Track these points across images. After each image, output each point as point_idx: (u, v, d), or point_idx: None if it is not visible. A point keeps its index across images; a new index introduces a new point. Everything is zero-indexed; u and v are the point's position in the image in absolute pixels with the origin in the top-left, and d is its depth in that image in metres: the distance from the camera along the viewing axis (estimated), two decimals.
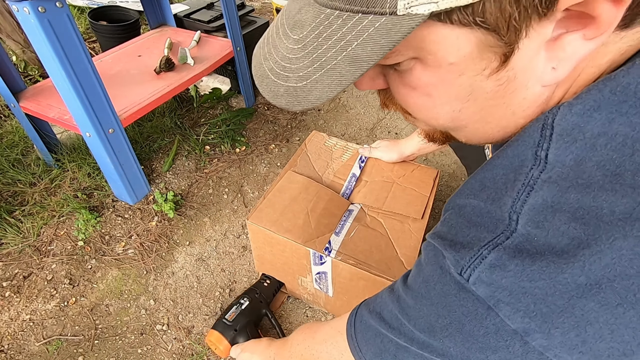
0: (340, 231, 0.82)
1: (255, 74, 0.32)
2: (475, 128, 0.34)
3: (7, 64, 1.12)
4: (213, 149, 1.45)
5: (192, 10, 1.64)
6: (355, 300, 0.84)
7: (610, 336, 0.25)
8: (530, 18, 0.24)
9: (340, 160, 1.00)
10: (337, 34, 0.26)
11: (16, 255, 1.10)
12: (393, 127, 1.57)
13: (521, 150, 0.29)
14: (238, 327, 0.86)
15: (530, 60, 0.27)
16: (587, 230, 0.25)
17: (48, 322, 0.97)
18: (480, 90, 0.29)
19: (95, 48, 1.94)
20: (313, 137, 1.07)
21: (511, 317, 0.27)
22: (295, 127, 1.57)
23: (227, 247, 1.14)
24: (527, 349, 0.27)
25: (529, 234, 0.27)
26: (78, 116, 1.01)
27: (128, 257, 1.11)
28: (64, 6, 0.85)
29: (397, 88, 0.33)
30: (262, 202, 0.87)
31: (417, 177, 0.94)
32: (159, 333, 0.95)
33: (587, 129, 0.25)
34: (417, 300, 0.36)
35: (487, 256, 0.28)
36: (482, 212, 0.30)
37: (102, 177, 1.26)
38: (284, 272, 0.92)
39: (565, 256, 0.25)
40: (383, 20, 0.24)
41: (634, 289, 0.23)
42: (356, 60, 0.26)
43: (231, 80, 1.68)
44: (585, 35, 0.25)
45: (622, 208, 0.24)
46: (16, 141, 1.40)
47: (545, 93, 0.29)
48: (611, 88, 0.25)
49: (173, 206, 1.20)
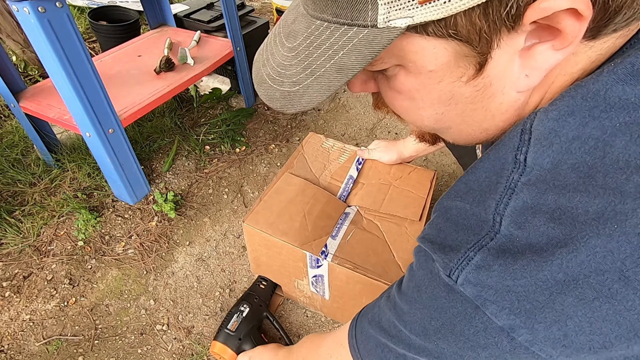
0: (336, 234, 0.82)
1: (254, 79, 0.35)
2: (459, 129, 0.36)
3: (7, 64, 1.12)
4: (213, 149, 1.45)
5: (192, 10, 1.64)
6: (352, 303, 0.84)
7: (589, 329, 0.26)
8: (499, 31, 0.26)
9: (338, 162, 0.99)
10: (326, 43, 0.28)
11: (16, 255, 1.10)
12: (393, 127, 1.57)
13: (502, 154, 0.30)
14: (242, 335, 0.85)
15: (504, 68, 0.29)
16: (564, 230, 0.26)
17: (48, 322, 0.97)
18: (459, 96, 0.31)
19: (95, 48, 1.94)
20: (310, 138, 1.06)
21: (497, 315, 0.28)
22: (295, 127, 1.57)
23: (227, 247, 1.14)
24: (514, 345, 0.29)
25: (512, 235, 0.28)
26: (78, 116, 1.01)
27: (128, 257, 1.11)
28: (64, 6, 0.85)
29: (385, 91, 0.36)
30: (259, 204, 0.87)
31: (414, 179, 0.94)
32: (159, 333, 0.95)
33: (562, 133, 0.27)
34: (410, 305, 0.37)
35: (474, 258, 0.29)
36: (467, 214, 0.31)
37: (102, 177, 1.26)
38: (281, 274, 0.91)
39: (545, 255, 0.26)
40: (365, 32, 0.27)
41: (608, 284, 0.25)
42: (343, 67, 0.28)
43: (231, 80, 1.68)
44: (554, 46, 0.26)
45: (595, 208, 0.25)
46: (16, 141, 1.40)
47: (521, 98, 0.32)
48: (582, 95, 0.27)
49: (173, 206, 1.20)
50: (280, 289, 0.98)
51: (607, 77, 0.26)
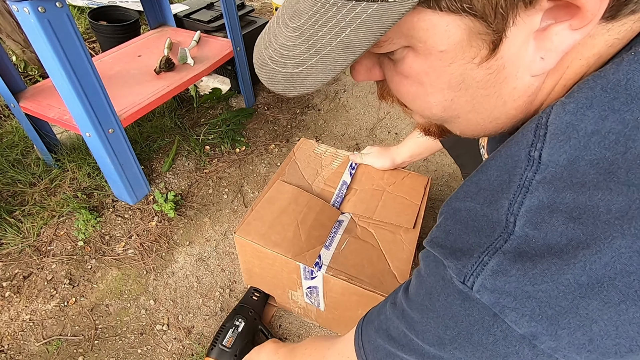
0: (330, 244, 0.80)
1: (255, 62, 0.33)
2: (467, 119, 0.34)
3: (7, 64, 1.12)
4: (213, 149, 1.45)
5: (192, 10, 1.64)
6: (348, 314, 0.82)
7: (615, 333, 0.25)
8: (516, 6, 0.25)
9: (331, 168, 0.97)
10: (332, 20, 0.27)
11: (16, 255, 1.10)
12: (393, 127, 1.57)
13: (514, 151, 0.29)
14: (238, 351, 0.84)
15: (519, 49, 0.27)
16: (585, 230, 0.25)
17: (48, 322, 0.97)
18: (470, 80, 0.30)
19: (95, 48, 1.94)
20: (302, 144, 1.04)
21: (518, 322, 0.27)
22: (295, 127, 1.57)
23: (227, 247, 1.14)
24: (536, 352, 0.27)
25: (527, 236, 0.27)
26: (78, 116, 1.01)
27: (128, 257, 1.11)
28: (64, 6, 0.85)
29: (392, 77, 0.34)
30: (250, 214, 0.84)
31: (407, 185, 0.92)
32: (159, 333, 0.95)
33: (580, 127, 0.26)
34: (422, 313, 0.35)
35: (489, 262, 0.28)
36: (478, 215, 0.30)
37: (102, 177, 1.26)
38: (274, 285, 0.90)
39: (566, 257, 0.25)
40: (375, 7, 0.25)
41: (635, 286, 0.24)
42: (349, 46, 0.27)
43: (231, 80, 1.68)
44: (572, 26, 0.25)
45: (618, 206, 0.24)
46: (16, 141, 1.40)
47: (534, 83, 0.30)
48: (602, 85, 0.26)
49: (173, 206, 1.20)
50: (273, 299, 0.97)
51: (627, 67, 0.25)
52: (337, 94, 1.75)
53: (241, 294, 1.03)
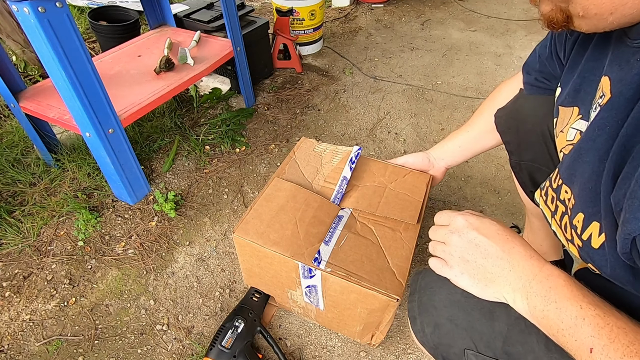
0: (329, 240, 0.79)
1: None
2: None
3: (7, 64, 1.12)
4: (213, 149, 1.45)
5: (192, 10, 1.64)
6: (347, 313, 0.81)
7: None
8: None
9: (331, 165, 0.96)
10: None
11: (16, 255, 1.10)
12: (393, 127, 1.57)
13: None
14: (237, 352, 0.84)
15: None
16: None
17: (48, 322, 0.97)
18: None
19: (95, 48, 1.94)
20: (302, 143, 1.04)
21: None
22: (295, 127, 1.57)
23: (227, 247, 1.14)
24: None
25: None
26: (78, 116, 1.01)
27: (128, 257, 1.11)
28: (64, 6, 0.85)
29: None
30: (249, 213, 0.83)
31: (409, 182, 0.92)
32: (159, 333, 0.95)
33: None
34: None
35: None
36: None
37: (102, 177, 1.26)
38: (273, 285, 0.89)
39: None
40: None
41: None
42: None
43: (231, 80, 1.68)
44: None
45: None
46: (16, 141, 1.40)
47: None
48: None
49: (173, 206, 1.20)
50: (273, 299, 0.97)
51: None
52: (337, 94, 1.75)
53: (241, 294, 1.03)
